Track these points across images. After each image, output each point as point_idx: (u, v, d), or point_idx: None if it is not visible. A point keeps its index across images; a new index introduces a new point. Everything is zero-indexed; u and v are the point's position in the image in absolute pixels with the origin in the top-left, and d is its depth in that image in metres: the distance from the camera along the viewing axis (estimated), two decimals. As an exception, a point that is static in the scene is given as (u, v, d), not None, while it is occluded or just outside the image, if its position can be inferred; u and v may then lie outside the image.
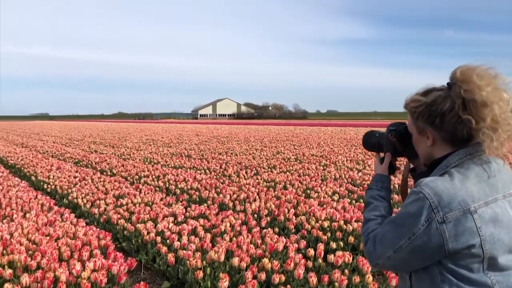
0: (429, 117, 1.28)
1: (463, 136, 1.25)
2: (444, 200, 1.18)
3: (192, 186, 7.62)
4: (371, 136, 1.62)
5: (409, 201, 1.24)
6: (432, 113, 1.27)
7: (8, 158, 13.26)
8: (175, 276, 4.08)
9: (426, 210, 1.19)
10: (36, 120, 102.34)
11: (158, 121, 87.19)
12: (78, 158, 13.16)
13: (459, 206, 1.17)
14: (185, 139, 22.64)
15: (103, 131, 33.17)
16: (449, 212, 1.17)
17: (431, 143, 1.32)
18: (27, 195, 6.77)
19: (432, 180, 1.24)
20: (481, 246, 1.18)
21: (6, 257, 3.78)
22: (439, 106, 1.26)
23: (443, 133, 1.28)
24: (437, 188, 1.20)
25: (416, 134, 1.37)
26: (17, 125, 56.90)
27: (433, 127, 1.29)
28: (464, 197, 1.18)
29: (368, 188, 1.53)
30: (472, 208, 1.18)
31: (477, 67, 1.24)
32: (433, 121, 1.28)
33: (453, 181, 1.22)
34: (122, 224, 5.26)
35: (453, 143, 1.29)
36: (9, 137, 26.05)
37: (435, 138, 1.31)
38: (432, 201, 1.19)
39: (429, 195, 1.19)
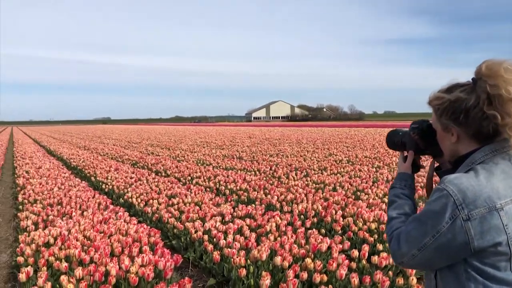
0: (453, 114, 1.26)
1: (488, 132, 1.22)
2: (469, 197, 1.16)
3: (241, 187, 7.73)
4: (395, 135, 1.60)
5: (433, 199, 1.23)
6: (456, 109, 1.25)
7: (71, 160, 14.03)
8: (220, 273, 4.18)
9: (450, 208, 1.17)
10: (99, 124, 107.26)
11: (212, 124, 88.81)
12: (135, 159, 13.70)
13: (484, 203, 1.15)
14: (238, 141, 22.93)
15: (161, 134, 34.28)
16: (474, 209, 1.15)
17: (455, 139, 1.30)
18: (86, 194, 7.15)
19: (457, 177, 1.21)
20: (508, 244, 1.15)
21: (64, 252, 4.03)
22: (463, 102, 1.23)
23: (467, 130, 1.26)
24: (461, 185, 1.18)
25: (441, 131, 1.35)
26: (81, 129, 60.01)
27: (457, 124, 1.26)
28: (489, 194, 1.16)
29: (391, 187, 1.51)
30: (498, 205, 1.15)
31: (504, 61, 1.20)
32: (457, 118, 1.25)
33: (478, 177, 1.19)
34: (173, 222, 5.44)
35: (479, 139, 1.26)
36: (73, 140, 27.52)
37: (459, 134, 1.28)
38: (456, 198, 1.16)
39: (453, 192, 1.17)
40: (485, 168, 1.21)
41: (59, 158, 15.77)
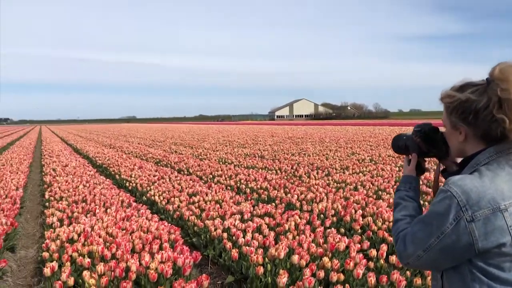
0: (463, 113, 1.26)
1: (496, 135, 1.22)
2: (473, 198, 1.17)
3: (261, 186, 7.76)
4: (399, 139, 1.62)
5: (437, 200, 1.24)
6: (466, 109, 1.25)
7: (96, 158, 14.33)
8: (239, 271, 4.23)
9: (454, 209, 1.18)
10: (124, 123, 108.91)
11: (236, 122, 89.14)
12: (159, 158, 13.90)
13: (488, 204, 1.15)
14: (260, 140, 22.98)
15: (184, 133, 34.62)
16: (478, 210, 1.16)
17: (463, 138, 1.31)
18: (110, 192, 7.31)
19: (460, 178, 1.22)
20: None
21: (87, 248, 4.15)
22: (474, 103, 1.23)
23: (476, 130, 1.26)
24: (465, 186, 1.19)
25: (450, 128, 1.35)
26: (107, 127, 61.08)
27: (466, 124, 1.27)
28: (493, 195, 1.16)
29: (396, 190, 1.53)
30: (502, 206, 1.16)
31: (507, 63, 1.20)
32: (467, 117, 1.26)
33: (482, 179, 1.20)
34: (193, 220, 5.52)
35: (486, 140, 1.26)
36: (99, 139, 28.06)
37: (467, 134, 1.29)
38: (460, 200, 1.17)
39: (457, 193, 1.18)
40: (490, 170, 1.22)
41: (85, 156, 16.13)
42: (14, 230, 5.55)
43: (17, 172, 10.78)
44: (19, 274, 4.87)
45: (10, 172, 10.80)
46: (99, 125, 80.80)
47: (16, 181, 9.04)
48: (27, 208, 8.33)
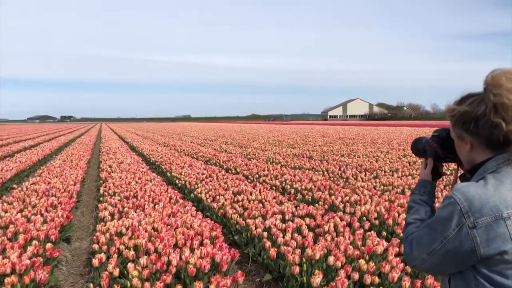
0: (464, 124, 1.31)
1: (499, 140, 1.25)
2: (475, 205, 1.20)
3: (306, 187, 7.79)
4: (419, 142, 1.65)
5: (442, 206, 1.28)
6: (467, 119, 1.29)
7: (150, 156, 14.88)
8: (276, 269, 4.31)
9: (457, 215, 1.21)
10: (180, 122, 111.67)
11: (287, 122, 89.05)
12: (208, 156, 14.23)
13: (490, 212, 1.18)
14: (310, 140, 22.91)
15: (235, 132, 35.09)
16: (480, 217, 1.19)
17: (469, 148, 1.34)
18: (159, 188, 7.60)
19: (465, 185, 1.26)
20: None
21: (133, 241, 4.38)
22: (472, 111, 1.28)
23: (479, 138, 1.30)
24: (468, 193, 1.22)
25: (457, 140, 1.40)
26: (163, 126, 62.99)
27: (469, 133, 1.31)
28: (496, 203, 1.19)
29: (411, 193, 1.57)
30: (505, 214, 1.18)
31: (508, 70, 1.24)
32: (468, 127, 1.30)
33: (486, 186, 1.22)
34: (235, 218, 5.66)
35: (492, 147, 1.29)
36: (154, 137, 29.03)
37: (473, 143, 1.32)
38: (462, 206, 1.21)
39: (460, 200, 1.22)
40: (496, 177, 1.25)
41: (139, 154, 16.77)
42: (69, 222, 5.93)
43: (76, 168, 11.40)
44: (73, 264, 5.21)
45: (70, 167, 11.44)
46: (155, 124, 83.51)
47: (74, 176, 9.58)
48: (84, 202, 8.83)
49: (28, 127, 68.07)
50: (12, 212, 5.91)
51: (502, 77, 1.22)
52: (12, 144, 23.58)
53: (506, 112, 1.20)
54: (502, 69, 1.25)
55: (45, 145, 21.33)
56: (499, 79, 1.22)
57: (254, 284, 4.50)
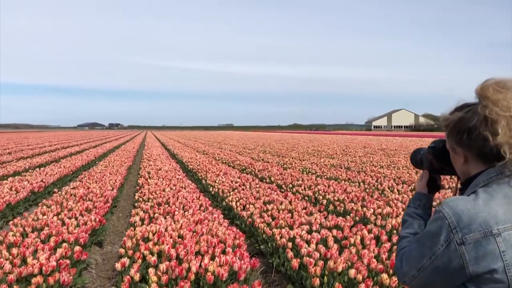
0: (458, 135, 1.25)
1: (492, 153, 1.19)
2: (464, 220, 1.14)
3: (339, 198, 7.67)
4: (417, 153, 1.60)
5: (431, 220, 1.23)
6: (460, 130, 1.24)
7: (188, 164, 15.12)
8: (299, 281, 4.25)
9: (445, 230, 1.16)
10: (221, 130, 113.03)
11: (329, 132, 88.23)
12: (245, 165, 14.29)
13: (479, 228, 1.12)
14: (351, 150, 22.57)
15: (275, 141, 35.11)
16: (469, 233, 1.12)
17: (463, 161, 1.29)
18: (191, 196, 7.70)
19: (454, 199, 1.20)
20: (505, 272, 1.11)
21: (157, 247, 4.45)
22: (466, 123, 1.22)
23: (472, 151, 1.24)
24: (457, 207, 1.16)
25: (451, 152, 1.34)
26: (204, 134, 63.95)
27: (462, 146, 1.26)
28: (486, 218, 1.12)
29: (407, 206, 1.51)
30: (495, 230, 1.11)
31: (499, 80, 1.19)
32: (461, 139, 1.24)
33: (476, 201, 1.16)
34: (262, 228, 5.64)
35: (485, 160, 1.23)
36: (195, 145, 29.50)
37: (466, 155, 1.27)
38: (451, 221, 1.15)
39: (448, 214, 1.16)
40: (487, 192, 1.18)
41: (178, 161, 17.08)
42: (102, 226, 6.09)
43: (116, 174, 11.74)
44: (103, 267, 5.35)
45: (110, 173, 11.79)
46: (198, 132, 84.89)
47: (112, 182, 9.87)
48: (121, 208, 9.08)
49: (77, 134, 70.87)
50: (49, 215, 6.15)
51: (490, 88, 1.18)
52: (60, 149, 24.61)
53: (492, 125, 1.15)
54: (494, 79, 1.20)
55: (90, 151, 22.13)
56: (486, 90, 1.18)
57: (276, 295, 4.47)
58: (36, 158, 18.06)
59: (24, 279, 3.81)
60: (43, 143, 31.96)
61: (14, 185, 9.19)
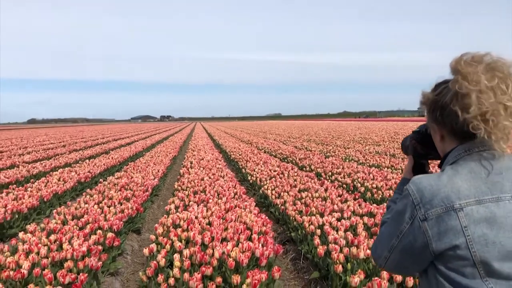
0: (433, 112, 1.22)
1: (463, 130, 1.14)
2: (426, 196, 1.11)
3: (377, 185, 7.50)
4: (406, 139, 1.55)
5: (399, 199, 1.22)
6: (435, 107, 1.21)
7: (231, 153, 15.27)
8: (324, 268, 4.21)
9: (409, 207, 1.14)
10: (269, 120, 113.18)
11: (379, 119, 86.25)
12: (286, 154, 14.25)
13: (441, 203, 1.09)
14: (399, 137, 21.96)
15: (321, 129, 34.76)
16: (431, 209, 1.10)
17: (439, 138, 1.25)
18: (228, 184, 7.78)
19: (419, 177, 1.18)
20: (468, 248, 1.07)
21: (185, 233, 4.54)
22: (441, 99, 1.18)
23: (445, 128, 1.20)
24: (420, 184, 1.14)
25: (432, 132, 1.30)
26: (251, 124, 64.30)
27: (437, 123, 1.22)
28: (448, 193, 1.09)
29: (394, 192, 1.49)
30: (456, 205, 1.08)
31: (470, 54, 1.14)
32: (436, 116, 1.21)
33: (440, 177, 1.13)
34: (293, 215, 5.61)
35: (459, 138, 1.18)
36: (241, 135, 29.73)
37: (442, 133, 1.23)
38: (414, 198, 1.13)
39: (412, 191, 1.14)
40: (453, 168, 1.15)
41: (222, 151, 17.29)
42: (139, 214, 6.29)
43: (160, 164, 12.06)
44: (138, 254, 5.53)
45: (154, 163, 12.13)
46: (245, 122, 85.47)
47: (155, 172, 10.15)
48: (162, 196, 9.33)
49: (129, 126, 73.40)
50: (90, 204, 6.41)
51: (461, 61, 1.13)
52: (111, 141, 25.57)
53: (462, 99, 1.10)
54: (465, 53, 1.15)
55: (138, 143, 22.82)
56: (458, 64, 1.13)
57: (303, 281, 4.45)
58: (87, 150, 18.85)
59: (59, 263, 4.01)
60: (96, 136, 33.32)
61: (62, 176, 9.66)
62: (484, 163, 1.12)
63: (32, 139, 29.67)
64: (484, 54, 1.13)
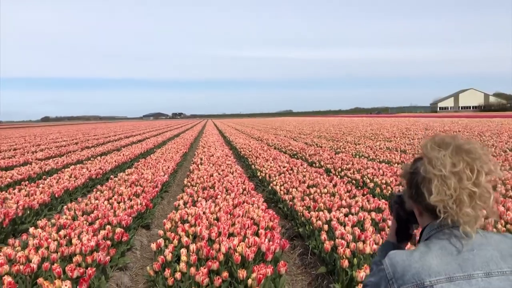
0: (409, 189, 1.25)
1: (433, 209, 1.15)
2: (398, 272, 1.14)
3: (386, 181, 7.46)
4: (392, 198, 1.51)
5: (375, 271, 1.25)
6: (411, 184, 1.23)
7: (241, 150, 15.30)
8: (331, 263, 4.21)
9: (384, 281, 1.17)
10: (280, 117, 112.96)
11: (391, 115, 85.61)
12: (296, 150, 14.24)
13: (412, 280, 1.11)
14: (411, 133, 21.80)
15: (332, 126, 34.65)
16: (403, 284, 1.13)
17: (418, 213, 1.27)
18: (237, 180, 7.80)
19: (395, 252, 1.21)
20: None
21: (192, 228, 4.57)
22: (414, 177, 1.21)
23: (421, 205, 1.22)
24: (394, 259, 1.17)
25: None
26: (262, 121, 64.24)
27: (412, 199, 1.24)
28: (418, 270, 1.11)
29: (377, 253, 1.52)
30: (427, 282, 1.10)
31: (438, 137, 1.18)
32: (411, 193, 1.23)
33: (413, 253, 1.16)
34: (301, 211, 5.62)
35: (432, 215, 1.18)
36: (251, 132, 29.75)
37: (418, 209, 1.25)
38: (388, 272, 1.16)
39: (387, 266, 1.17)
40: (426, 244, 1.17)
41: (232, 148, 17.33)
42: (148, 210, 6.34)
43: (170, 161, 12.13)
44: (147, 249, 5.58)
45: (165, 160, 12.20)
46: (256, 119, 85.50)
47: (165, 168, 10.21)
48: (172, 192, 9.40)
49: (141, 124, 73.84)
50: (100, 200, 6.48)
51: (428, 145, 1.17)
52: (123, 139, 25.77)
53: (427, 183, 1.13)
54: (435, 136, 1.19)
55: (150, 140, 22.98)
56: (424, 147, 1.17)
57: (310, 276, 4.46)
58: (99, 147, 19.03)
59: (68, 258, 4.06)
60: (109, 133, 33.61)
61: (74, 173, 9.77)
62: (454, 240, 1.13)
63: (45, 137, 30.04)
64: (453, 136, 1.16)
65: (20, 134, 38.14)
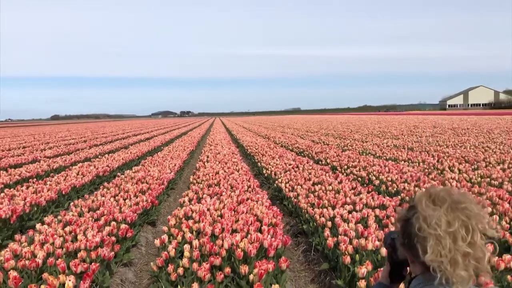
0: (402, 235, 1.23)
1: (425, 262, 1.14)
2: None
3: (392, 178, 7.44)
4: (385, 238, 1.46)
5: None
6: (404, 231, 1.21)
7: (248, 148, 15.32)
8: (334, 259, 4.22)
9: None
10: (288, 115, 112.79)
11: (400, 113, 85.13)
12: (303, 148, 14.23)
13: None
14: (419, 131, 21.68)
15: (340, 124, 34.54)
16: None
17: (410, 261, 1.25)
18: (242, 178, 7.82)
19: None
20: None
21: (196, 225, 4.60)
22: (408, 227, 1.18)
23: (412, 255, 1.20)
24: None
25: None
26: (270, 119, 64.21)
27: (404, 247, 1.23)
28: None
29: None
30: None
31: (434, 193, 1.15)
32: (404, 241, 1.21)
33: None
34: (305, 208, 5.63)
35: (423, 266, 1.17)
36: (258, 130, 29.75)
37: (410, 258, 1.24)
38: None
39: None
40: None
41: (239, 145, 17.35)
42: (153, 207, 6.38)
43: (177, 158, 12.18)
44: (153, 245, 5.62)
45: (171, 158, 12.26)
46: (263, 117, 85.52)
47: (172, 166, 10.26)
48: (179, 190, 9.44)
49: (150, 122, 74.05)
50: (107, 196, 6.54)
51: (423, 200, 1.14)
52: (131, 137, 25.89)
53: (421, 241, 1.11)
54: (431, 190, 1.16)
55: (157, 138, 23.08)
56: (419, 202, 1.15)
57: (313, 273, 4.47)
58: (107, 145, 19.15)
59: (73, 254, 4.11)
60: (117, 131, 33.78)
61: (81, 170, 9.86)
62: None
63: (54, 135, 30.27)
64: (448, 191, 1.13)
65: (29, 132, 38.45)
